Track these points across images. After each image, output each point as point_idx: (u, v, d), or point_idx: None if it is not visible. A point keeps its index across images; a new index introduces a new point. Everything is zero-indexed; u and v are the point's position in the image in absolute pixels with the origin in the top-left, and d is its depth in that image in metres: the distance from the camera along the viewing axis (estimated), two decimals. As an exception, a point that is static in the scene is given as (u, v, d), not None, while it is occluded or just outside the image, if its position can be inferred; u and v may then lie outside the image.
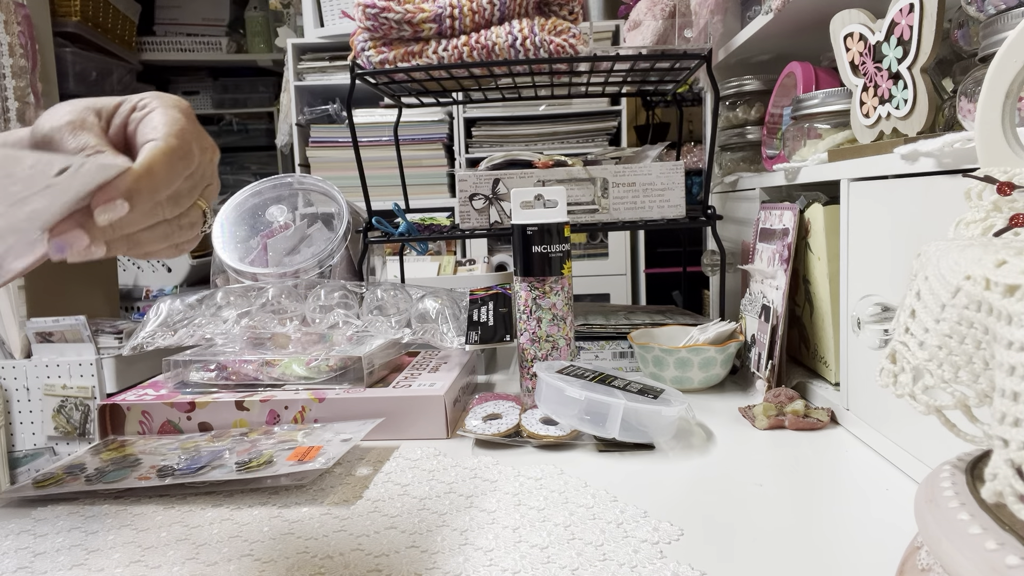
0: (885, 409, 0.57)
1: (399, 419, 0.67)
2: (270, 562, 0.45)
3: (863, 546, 0.44)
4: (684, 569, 0.41)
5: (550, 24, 0.89)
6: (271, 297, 0.83)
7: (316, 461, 0.56)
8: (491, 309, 0.80)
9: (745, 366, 0.82)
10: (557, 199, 0.72)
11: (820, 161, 0.70)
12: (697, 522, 0.48)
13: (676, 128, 2.38)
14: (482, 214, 0.93)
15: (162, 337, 0.79)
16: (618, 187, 0.91)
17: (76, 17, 2.25)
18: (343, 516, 0.51)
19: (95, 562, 0.46)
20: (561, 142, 2.35)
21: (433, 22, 0.88)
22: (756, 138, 1.00)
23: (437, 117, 2.31)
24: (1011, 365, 0.19)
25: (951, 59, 0.64)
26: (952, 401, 0.24)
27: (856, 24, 0.64)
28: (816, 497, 0.51)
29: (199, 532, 0.50)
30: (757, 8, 0.91)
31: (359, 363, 0.72)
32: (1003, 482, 0.20)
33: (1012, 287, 0.20)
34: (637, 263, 2.43)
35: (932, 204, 0.49)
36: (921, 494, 0.26)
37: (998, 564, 0.21)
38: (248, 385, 0.73)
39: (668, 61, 0.92)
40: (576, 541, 0.45)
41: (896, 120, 0.58)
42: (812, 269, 0.73)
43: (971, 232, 0.35)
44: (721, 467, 0.58)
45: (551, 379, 0.63)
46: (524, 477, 0.56)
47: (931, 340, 0.24)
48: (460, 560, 0.44)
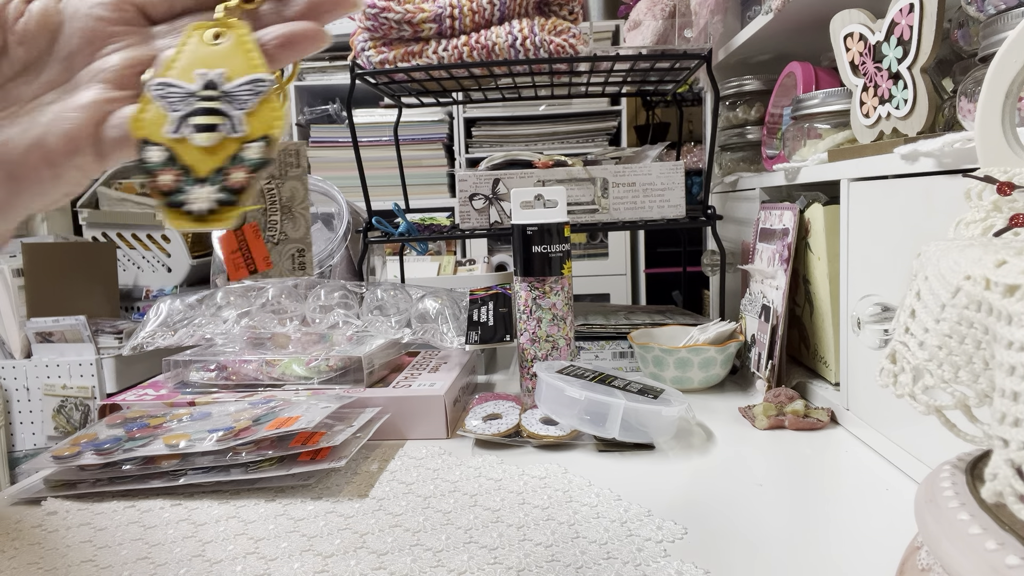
0: (885, 409, 0.57)
1: (399, 419, 0.67)
2: (275, 559, 0.45)
3: (863, 546, 0.44)
4: (688, 567, 0.42)
5: (550, 24, 0.90)
6: (271, 297, 0.83)
7: (328, 460, 0.57)
8: (491, 309, 0.81)
9: (745, 366, 0.82)
10: (557, 199, 0.72)
11: (820, 161, 0.70)
12: (699, 521, 0.48)
13: (676, 128, 2.38)
14: (482, 214, 0.93)
15: (162, 337, 0.79)
16: (618, 187, 0.91)
17: (76, 17, 2.25)
18: (348, 514, 0.51)
19: (103, 558, 0.46)
20: (561, 142, 2.35)
21: (433, 22, 0.88)
22: (756, 138, 1.01)
23: (437, 117, 2.31)
24: (1011, 365, 0.19)
25: (951, 59, 0.64)
26: (952, 401, 0.24)
27: (856, 24, 0.64)
28: (816, 497, 0.52)
29: (205, 529, 0.50)
30: (757, 8, 0.91)
31: (359, 363, 0.72)
32: (1003, 482, 0.20)
33: (1012, 287, 0.20)
34: (637, 263, 2.43)
35: (932, 204, 0.49)
36: (921, 494, 0.27)
37: (998, 564, 0.21)
38: (248, 385, 0.73)
39: (668, 61, 0.92)
40: (580, 539, 0.46)
41: (896, 120, 0.58)
42: (812, 269, 0.73)
43: (971, 232, 0.35)
44: (721, 467, 0.58)
45: (551, 379, 0.63)
46: (528, 476, 0.57)
47: (931, 340, 0.24)
48: (464, 558, 0.44)
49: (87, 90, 0.34)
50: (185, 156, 0.33)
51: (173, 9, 0.35)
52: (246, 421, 0.60)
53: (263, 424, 0.59)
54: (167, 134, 0.33)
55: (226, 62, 0.33)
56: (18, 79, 0.35)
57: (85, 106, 0.34)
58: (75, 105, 0.34)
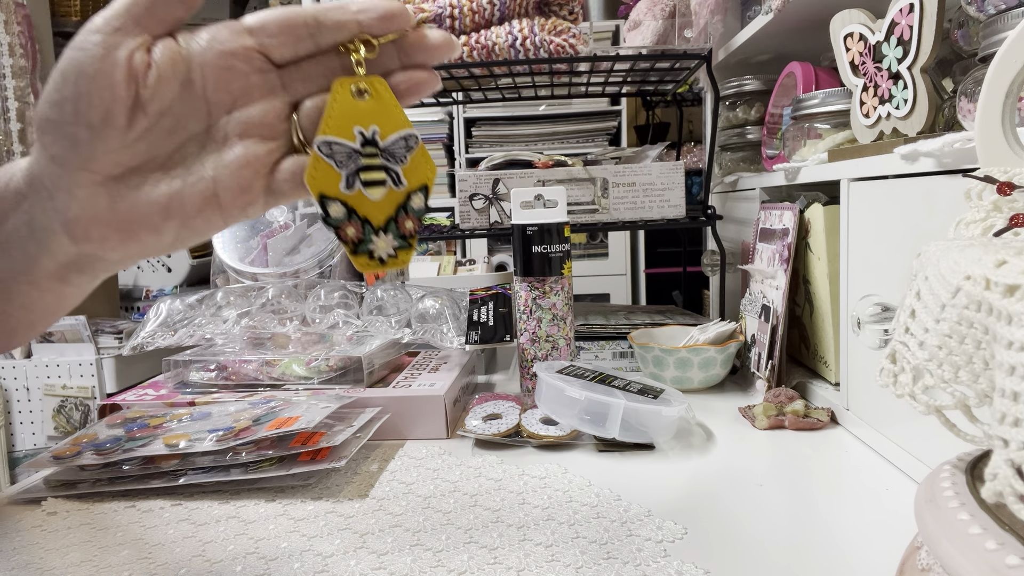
0: (885, 409, 0.57)
1: (399, 419, 0.67)
2: (275, 559, 0.45)
3: (863, 546, 0.44)
4: (688, 567, 0.42)
5: (550, 24, 0.90)
6: (271, 297, 0.83)
7: (328, 460, 0.57)
8: (491, 309, 0.81)
9: (745, 366, 0.82)
10: (557, 199, 0.72)
11: (820, 161, 0.70)
12: (699, 521, 0.48)
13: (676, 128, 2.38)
14: (482, 214, 0.93)
15: (162, 337, 0.79)
16: (618, 187, 0.91)
17: (76, 17, 2.25)
18: (348, 514, 0.51)
19: (103, 559, 0.46)
20: (561, 142, 2.35)
21: (433, 22, 0.88)
22: (756, 138, 1.01)
23: (437, 117, 2.31)
24: (1011, 365, 0.19)
25: (951, 59, 0.64)
26: (952, 401, 0.24)
27: (856, 24, 0.64)
28: (816, 497, 0.52)
29: (206, 529, 0.50)
30: (757, 8, 0.91)
31: (359, 363, 0.72)
32: (1003, 482, 0.20)
33: (1012, 287, 0.20)
34: (637, 263, 2.43)
35: (932, 204, 0.49)
36: (921, 494, 0.27)
37: (998, 564, 0.21)
38: (248, 385, 0.73)
39: (668, 61, 0.92)
40: (580, 540, 0.46)
41: (896, 120, 0.58)
42: (812, 269, 0.73)
43: (971, 232, 0.35)
44: (721, 467, 0.58)
45: (551, 379, 0.63)
46: (528, 476, 0.57)
47: (931, 340, 0.24)
48: (464, 558, 0.44)
49: (241, 144, 0.37)
50: (361, 209, 0.38)
51: (297, 55, 0.37)
52: (246, 421, 0.60)
53: (263, 424, 0.59)
54: (343, 191, 0.37)
55: (376, 119, 0.37)
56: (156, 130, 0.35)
57: (249, 162, 0.36)
58: (238, 161, 0.36)
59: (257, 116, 0.37)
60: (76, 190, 0.35)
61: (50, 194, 0.35)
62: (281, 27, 0.36)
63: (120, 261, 0.38)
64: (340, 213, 0.37)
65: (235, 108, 0.36)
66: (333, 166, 0.37)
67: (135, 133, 0.34)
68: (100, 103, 0.33)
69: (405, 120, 0.38)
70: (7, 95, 1.81)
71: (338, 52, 0.37)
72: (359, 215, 0.38)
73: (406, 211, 0.38)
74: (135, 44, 0.34)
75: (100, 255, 0.37)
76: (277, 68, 0.37)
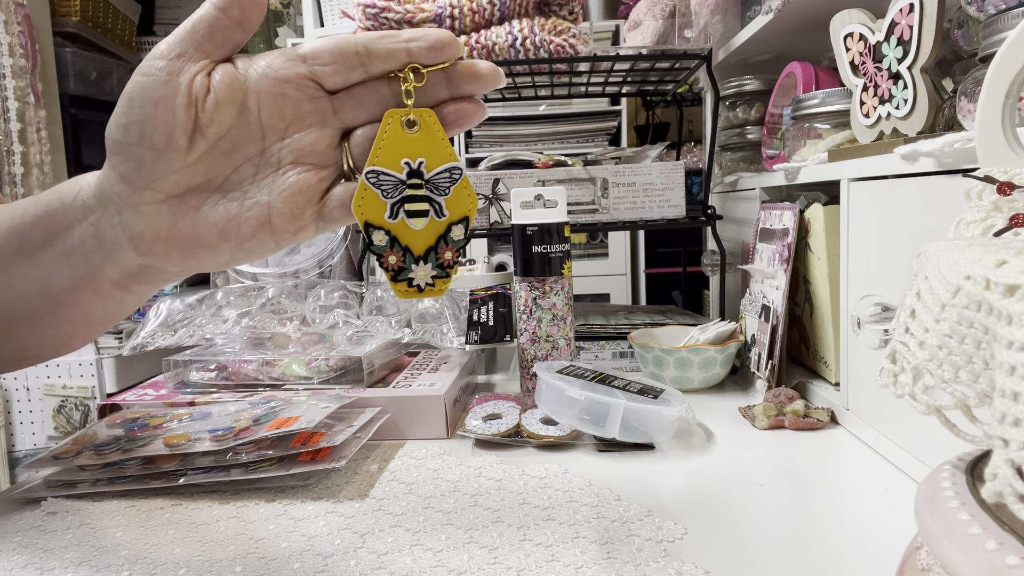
0: (885, 409, 0.57)
1: (399, 419, 0.67)
2: (275, 559, 0.45)
3: (863, 546, 0.44)
4: (688, 567, 0.42)
5: (550, 24, 0.90)
6: (271, 297, 0.83)
7: (328, 460, 0.57)
8: (491, 309, 0.81)
9: (745, 366, 0.82)
10: (557, 199, 0.72)
11: (820, 161, 0.70)
12: (699, 521, 0.48)
13: (676, 128, 2.38)
14: (482, 214, 0.93)
15: (162, 337, 0.79)
16: (618, 187, 0.91)
17: (76, 17, 2.25)
18: (348, 514, 0.51)
19: (102, 559, 0.46)
20: (561, 142, 2.35)
21: (433, 22, 0.88)
22: (756, 138, 1.01)
23: (437, 117, 2.31)
24: (1011, 365, 0.19)
25: (951, 59, 0.64)
26: (952, 401, 0.24)
27: (856, 24, 0.64)
28: (816, 497, 0.52)
29: (205, 529, 0.50)
30: (757, 8, 0.91)
31: (359, 363, 0.72)
32: (1003, 482, 0.20)
33: (1012, 287, 0.20)
34: (637, 263, 2.43)
35: (932, 204, 0.49)
36: (921, 494, 0.26)
37: (998, 564, 0.21)
38: (248, 385, 0.73)
39: (668, 61, 0.92)
40: (580, 540, 0.46)
41: (896, 120, 0.58)
42: (812, 269, 0.73)
43: (971, 232, 0.35)
44: (721, 467, 0.58)
45: (551, 379, 0.63)
46: (528, 476, 0.57)
47: (931, 340, 0.24)
48: (464, 558, 0.44)
49: (295, 172, 0.38)
50: (404, 238, 0.39)
51: (348, 82, 0.38)
52: (246, 421, 0.60)
53: (263, 424, 0.59)
54: (387, 219, 0.39)
55: (424, 151, 0.38)
56: (214, 152, 0.37)
57: (302, 190, 0.38)
58: (291, 189, 0.38)
59: (309, 144, 0.38)
60: (142, 207, 0.37)
61: (118, 209, 0.37)
62: (334, 55, 0.37)
63: (180, 273, 0.40)
64: (383, 241, 0.39)
65: (288, 134, 0.38)
66: (379, 195, 0.38)
67: (195, 155, 0.36)
68: (163, 127, 0.35)
69: (451, 153, 0.39)
70: (7, 95, 1.81)
71: (388, 79, 0.38)
72: (401, 243, 0.39)
73: (446, 242, 0.40)
74: (196, 69, 0.36)
75: (161, 267, 0.39)
76: (329, 94, 0.38)
